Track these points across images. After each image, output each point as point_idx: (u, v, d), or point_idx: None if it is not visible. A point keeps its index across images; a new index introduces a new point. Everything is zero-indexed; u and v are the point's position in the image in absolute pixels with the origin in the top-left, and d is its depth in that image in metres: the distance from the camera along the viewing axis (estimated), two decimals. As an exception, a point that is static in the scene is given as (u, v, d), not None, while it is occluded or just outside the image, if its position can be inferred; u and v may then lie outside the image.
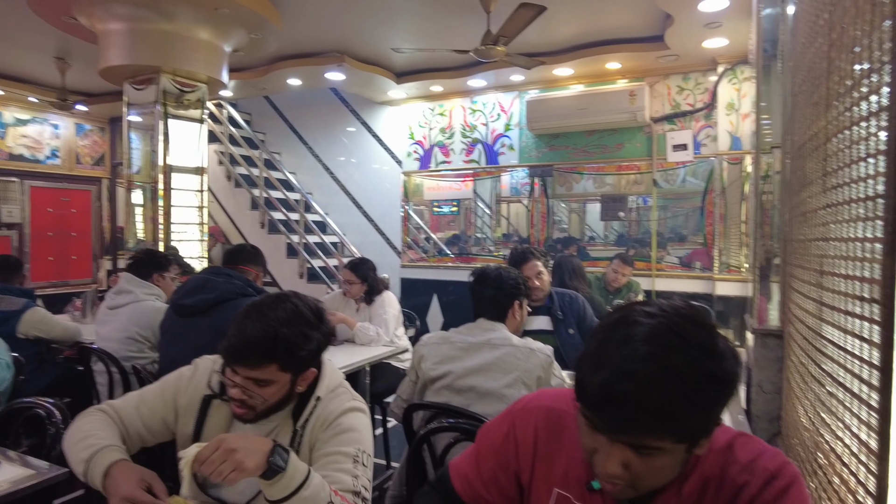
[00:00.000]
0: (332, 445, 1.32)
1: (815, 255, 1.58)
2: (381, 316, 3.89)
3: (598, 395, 0.77)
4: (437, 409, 2.03)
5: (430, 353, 2.18)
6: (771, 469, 0.86)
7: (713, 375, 0.76)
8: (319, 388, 1.39)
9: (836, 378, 1.32)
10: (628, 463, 0.80)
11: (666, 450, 0.79)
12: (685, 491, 0.88)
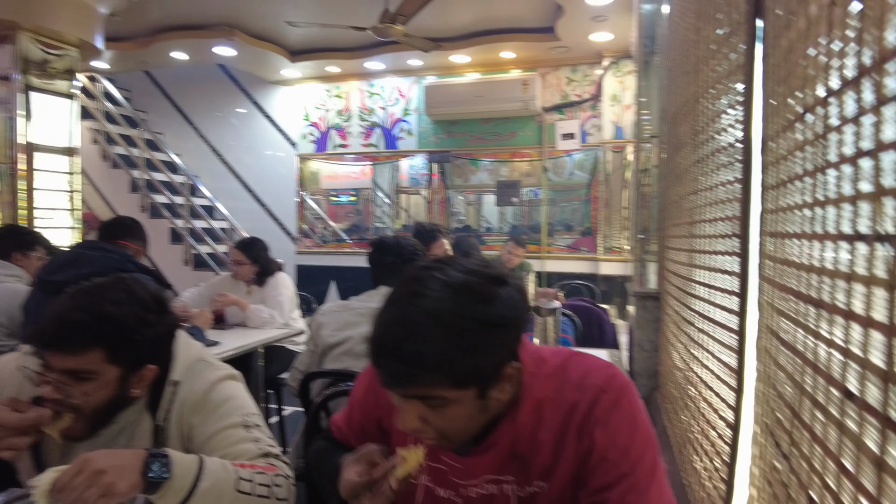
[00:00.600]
0: (212, 425, 1.16)
1: (686, 210, 1.74)
2: (275, 298, 3.75)
3: (371, 352, 0.80)
4: (336, 375, 2.00)
5: (330, 321, 2.14)
6: (599, 384, 0.87)
7: (481, 320, 0.77)
8: (174, 371, 1.20)
9: (703, 315, 1.46)
10: (424, 416, 0.82)
11: (451, 399, 0.80)
12: (520, 418, 0.89)
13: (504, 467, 0.92)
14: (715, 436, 1.31)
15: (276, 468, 1.11)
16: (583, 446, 0.86)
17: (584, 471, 0.87)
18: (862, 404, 0.56)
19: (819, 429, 0.69)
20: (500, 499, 0.93)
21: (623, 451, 0.85)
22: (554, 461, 0.89)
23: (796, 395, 0.79)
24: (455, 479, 0.96)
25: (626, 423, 0.86)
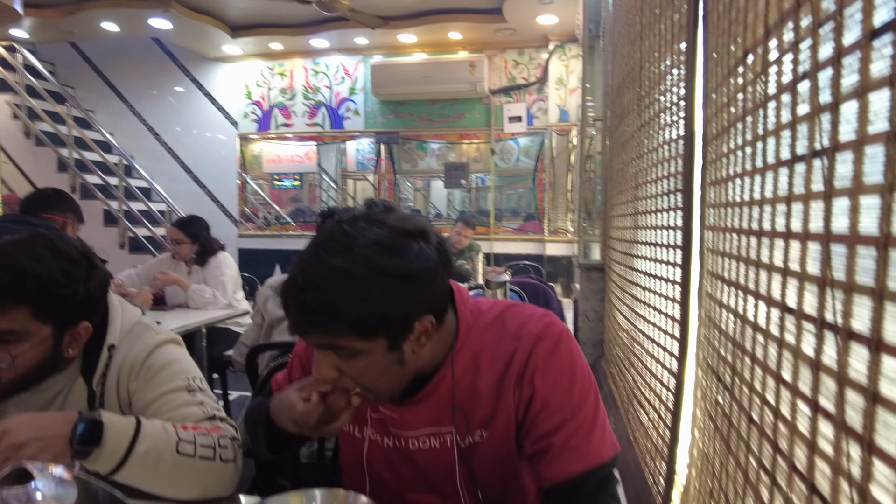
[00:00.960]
0: (152, 389, 1.12)
1: (631, 174, 1.79)
2: (217, 278, 3.63)
3: (282, 302, 0.80)
4: (283, 347, 1.96)
5: (276, 293, 2.09)
6: (536, 332, 0.88)
7: (384, 271, 0.77)
8: (111, 335, 1.14)
9: (648, 273, 1.51)
10: (339, 367, 0.82)
11: (361, 349, 0.80)
12: (458, 368, 0.89)
13: (443, 418, 0.91)
14: (659, 387, 1.36)
15: (221, 430, 1.08)
16: (524, 394, 0.87)
17: (527, 419, 0.88)
18: (800, 314, 0.59)
19: (760, 351, 0.72)
20: (442, 451, 0.93)
21: (564, 397, 0.86)
22: (494, 410, 0.89)
23: (738, 326, 0.82)
24: (398, 431, 0.95)
25: (566, 368, 0.88)
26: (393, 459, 0.98)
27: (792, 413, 0.61)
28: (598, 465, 0.84)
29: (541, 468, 0.86)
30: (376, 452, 0.99)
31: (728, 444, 0.85)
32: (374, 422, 0.98)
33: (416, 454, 0.95)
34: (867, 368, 0.46)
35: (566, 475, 0.83)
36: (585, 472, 0.83)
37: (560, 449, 0.84)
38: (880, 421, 0.44)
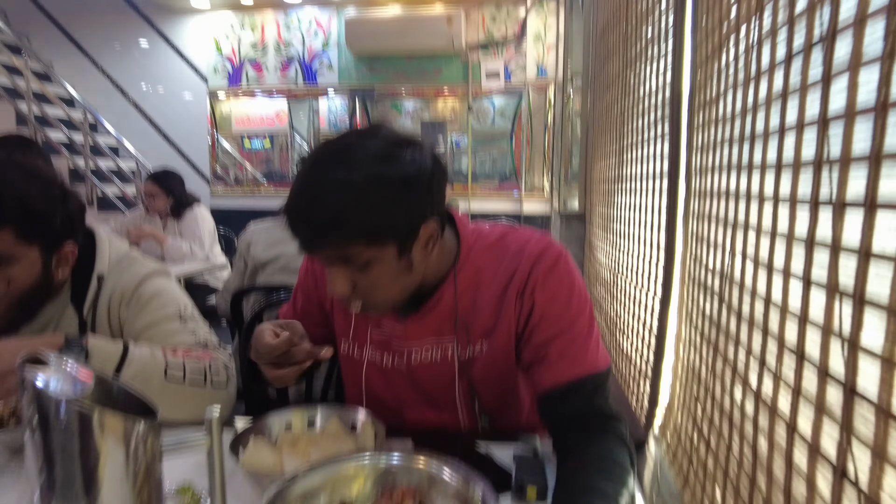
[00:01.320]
0: (144, 318, 1.12)
1: (617, 113, 1.82)
2: (193, 231, 3.59)
3: (287, 223, 0.81)
4: (269, 290, 1.96)
5: (260, 238, 2.08)
6: (536, 251, 0.92)
7: (381, 178, 0.78)
8: (99, 264, 1.14)
9: (633, 207, 1.55)
10: (354, 281, 0.83)
11: (372, 258, 0.81)
12: (460, 284, 0.93)
13: (445, 330, 0.95)
14: (643, 314, 1.42)
15: (213, 356, 1.09)
16: (524, 308, 0.91)
17: (526, 330, 0.92)
18: (792, 206, 0.63)
19: (749, 267, 0.76)
20: (443, 364, 0.97)
21: (562, 309, 0.90)
22: (495, 323, 0.93)
23: (728, 237, 0.86)
24: (400, 345, 0.98)
25: (564, 284, 0.91)
26: (391, 378, 1.01)
27: (784, 290, 0.65)
28: (592, 372, 0.88)
29: (538, 375, 0.90)
30: (374, 373, 1.02)
31: (716, 347, 0.90)
32: (375, 342, 1.01)
33: (417, 369, 0.98)
34: (854, 276, 0.49)
35: (562, 381, 0.87)
36: (581, 378, 0.87)
37: (557, 356, 0.88)
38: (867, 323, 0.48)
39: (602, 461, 0.75)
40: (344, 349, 1.05)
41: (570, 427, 0.83)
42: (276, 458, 0.87)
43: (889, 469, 0.47)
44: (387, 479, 0.77)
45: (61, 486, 0.54)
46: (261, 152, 6.54)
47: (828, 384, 0.57)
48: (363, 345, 1.02)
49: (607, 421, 0.82)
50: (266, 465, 0.85)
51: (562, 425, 0.85)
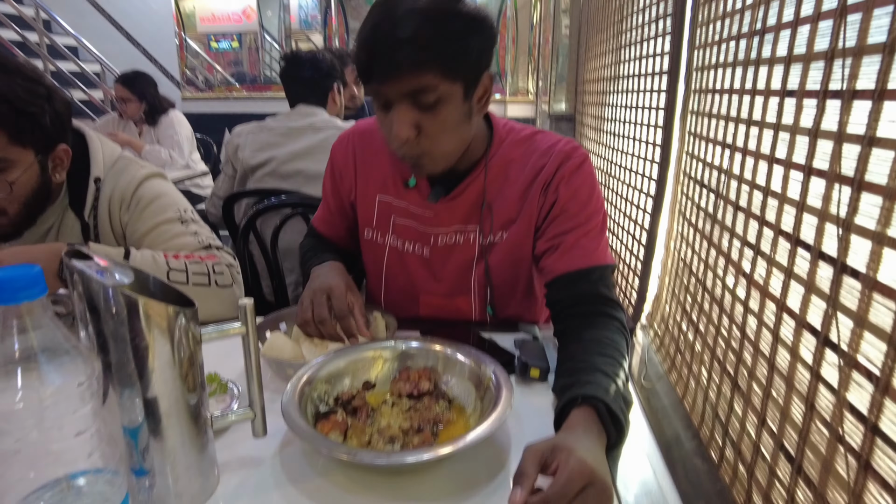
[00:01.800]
0: (145, 221, 1.13)
1: (614, 12, 1.77)
2: (171, 137, 3.48)
3: (365, 51, 0.82)
4: (263, 193, 1.96)
5: (248, 142, 2.04)
6: (565, 151, 0.97)
7: (455, 12, 0.82)
8: (95, 167, 1.13)
9: (629, 108, 1.56)
10: (418, 123, 0.85)
11: (443, 94, 0.83)
12: (490, 172, 0.98)
13: (471, 217, 1.00)
14: (636, 212, 1.47)
15: (216, 257, 1.11)
16: (547, 201, 0.96)
17: (545, 221, 0.97)
18: (799, 95, 0.65)
19: (741, 140, 0.79)
20: (464, 247, 1.02)
21: (581, 205, 0.95)
22: (517, 214, 0.98)
23: (727, 129, 0.89)
24: (425, 230, 1.03)
25: (587, 184, 0.97)
26: (411, 263, 1.06)
27: (783, 184, 0.69)
28: (601, 263, 0.93)
29: (551, 262, 0.95)
30: (395, 258, 1.08)
31: (710, 239, 0.96)
32: (398, 229, 1.06)
33: (439, 253, 1.04)
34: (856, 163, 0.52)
35: (573, 267, 0.93)
36: (590, 267, 0.92)
37: (570, 245, 0.94)
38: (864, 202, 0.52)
39: (602, 344, 0.81)
40: (368, 236, 1.09)
41: (574, 312, 0.89)
42: (295, 347, 0.92)
43: (868, 335, 0.53)
44: (404, 363, 0.83)
45: (116, 370, 0.58)
46: (229, 53, 6.20)
47: (818, 265, 0.62)
48: (386, 232, 1.07)
49: (609, 307, 0.88)
50: (287, 354, 0.90)
51: (567, 309, 0.90)
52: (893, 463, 0.49)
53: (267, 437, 0.69)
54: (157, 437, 0.61)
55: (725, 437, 0.88)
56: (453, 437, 0.63)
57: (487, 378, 0.76)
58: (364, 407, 0.74)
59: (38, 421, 0.47)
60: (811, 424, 0.62)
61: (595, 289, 0.90)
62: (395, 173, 1.04)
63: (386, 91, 0.83)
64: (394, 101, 0.84)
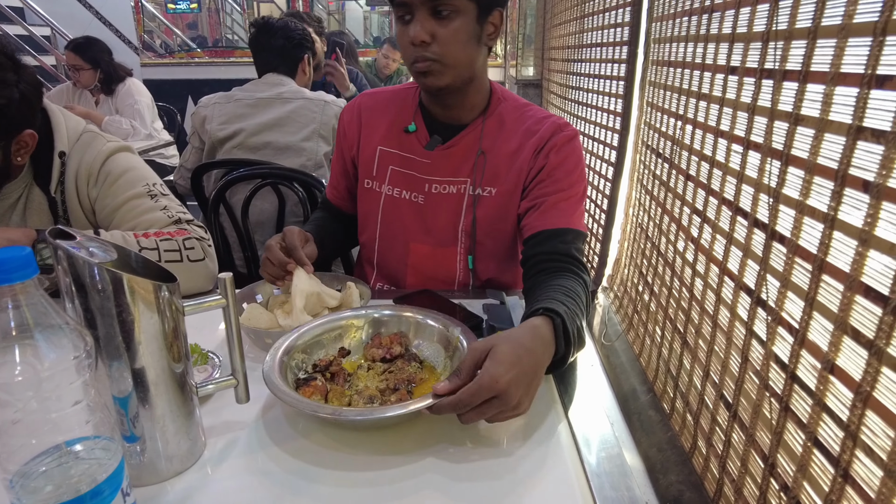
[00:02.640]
0: (114, 197, 1.13)
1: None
2: (131, 106, 3.38)
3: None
4: (232, 164, 1.95)
5: (215, 113, 2.01)
6: (559, 123, 1.05)
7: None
8: (59, 142, 1.12)
9: (593, 74, 1.60)
10: (434, 31, 0.93)
11: (459, 9, 0.93)
12: (486, 126, 1.06)
13: (463, 168, 1.07)
14: (598, 179, 1.52)
15: (187, 232, 1.12)
16: (537, 164, 1.04)
17: (532, 182, 1.04)
18: (742, 72, 0.70)
19: (701, 116, 0.84)
20: (455, 197, 1.09)
21: (567, 173, 1.03)
22: (507, 171, 1.05)
23: (681, 102, 0.94)
24: (421, 177, 1.09)
25: (574, 155, 1.04)
26: (404, 210, 1.12)
27: (726, 156, 0.75)
28: (576, 227, 1.01)
29: (531, 220, 1.03)
30: (389, 205, 1.13)
31: (664, 206, 1.02)
32: (394, 175, 1.11)
33: (432, 201, 1.10)
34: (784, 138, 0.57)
35: (549, 226, 1.00)
36: (565, 228, 0.99)
37: (550, 205, 1.01)
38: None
39: (567, 290, 0.87)
40: (367, 185, 1.15)
41: (545, 267, 0.96)
42: (271, 317, 0.96)
43: (791, 294, 0.60)
44: (377, 330, 0.88)
45: (104, 343, 0.61)
46: (188, 15, 5.97)
47: (753, 232, 0.68)
48: (382, 182, 1.13)
49: (577, 267, 0.95)
50: (263, 323, 0.94)
51: (539, 265, 0.97)
52: (807, 405, 0.56)
53: (249, 403, 0.74)
54: (146, 406, 0.65)
55: (676, 389, 0.96)
56: (427, 394, 0.69)
57: (455, 339, 0.82)
58: (341, 372, 0.79)
59: (37, 392, 0.51)
60: (745, 374, 0.70)
61: (567, 249, 0.97)
62: (397, 122, 1.11)
63: (411, 2, 0.91)
64: (415, 9, 0.92)
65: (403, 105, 1.12)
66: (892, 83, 0.46)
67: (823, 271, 0.55)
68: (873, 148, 0.47)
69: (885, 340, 0.46)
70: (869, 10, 0.49)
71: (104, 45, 3.37)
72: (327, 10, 6.18)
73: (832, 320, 0.53)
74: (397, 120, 1.11)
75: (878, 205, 0.47)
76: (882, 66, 0.47)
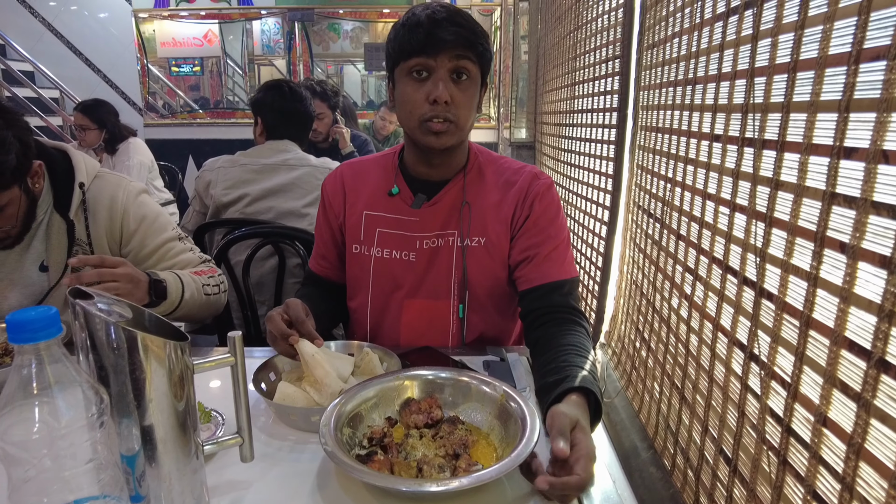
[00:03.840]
0: (153, 238, 1.29)
1: (569, 46, 1.90)
2: (123, 163, 3.45)
3: (426, 26, 0.98)
4: (234, 224, 1.98)
5: (219, 178, 2.04)
6: (534, 172, 1.12)
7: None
8: (79, 174, 1.24)
9: (583, 138, 1.67)
10: (452, 93, 1.00)
11: (472, 77, 1.02)
12: (468, 179, 1.12)
13: (450, 221, 1.11)
14: (591, 237, 1.56)
15: (214, 269, 1.34)
16: (522, 214, 1.09)
17: (520, 231, 1.09)
18: (725, 140, 0.75)
19: (689, 178, 0.89)
20: (445, 249, 1.12)
21: (551, 220, 1.09)
22: (492, 222, 1.10)
23: (670, 165, 0.99)
24: (411, 235, 1.13)
25: (555, 202, 1.11)
26: (395, 270, 1.14)
27: (714, 217, 0.79)
28: (570, 276, 1.05)
29: (526, 272, 1.06)
30: (380, 266, 1.16)
31: (657, 264, 1.05)
32: (384, 237, 1.15)
33: (422, 256, 1.12)
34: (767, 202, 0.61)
35: (546, 279, 1.04)
36: (561, 280, 1.04)
37: (543, 258, 1.05)
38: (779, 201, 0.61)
39: (579, 348, 0.90)
40: (355, 250, 1.18)
41: (548, 319, 0.99)
42: (305, 395, 0.92)
43: (782, 349, 0.62)
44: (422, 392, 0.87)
45: (116, 401, 0.62)
46: (190, 77, 6.17)
47: (743, 289, 0.71)
48: (371, 245, 1.16)
49: (577, 317, 0.99)
50: (300, 401, 0.90)
51: (541, 317, 1.00)
52: (803, 458, 0.58)
53: (252, 462, 0.74)
54: (153, 464, 0.65)
55: (676, 445, 0.96)
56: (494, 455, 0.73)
57: (501, 395, 0.82)
58: (392, 443, 0.77)
59: (51, 450, 0.52)
60: (743, 429, 0.71)
61: (566, 300, 1.02)
62: (380, 187, 1.16)
63: (433, 63, 0.99)
64: (436, 72, 0.99)
65: (384, 170, 1.17)
66: (858, 154, 0.50)
67: (810, 327, 0.57)
68: (846, 212, 0.51)
69: (872, 393, 0.48)
70: (833, 89, 0.54)
71: (111, 107, 3.47)
72: (326, 73, 6.42)
73: (821, 374, 0.55)
74: (380, 185, 1.16)
75: (854, 265, 0.51)
76: (848, 139, 0.51)
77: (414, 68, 1.00)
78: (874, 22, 0.49)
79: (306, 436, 0.86)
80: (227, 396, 0.73)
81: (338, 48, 5.97)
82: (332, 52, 6.03)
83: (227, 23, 5.94)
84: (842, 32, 0.53)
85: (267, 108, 2.02)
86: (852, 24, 0.51)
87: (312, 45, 5.86)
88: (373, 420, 0.84)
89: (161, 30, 5.88)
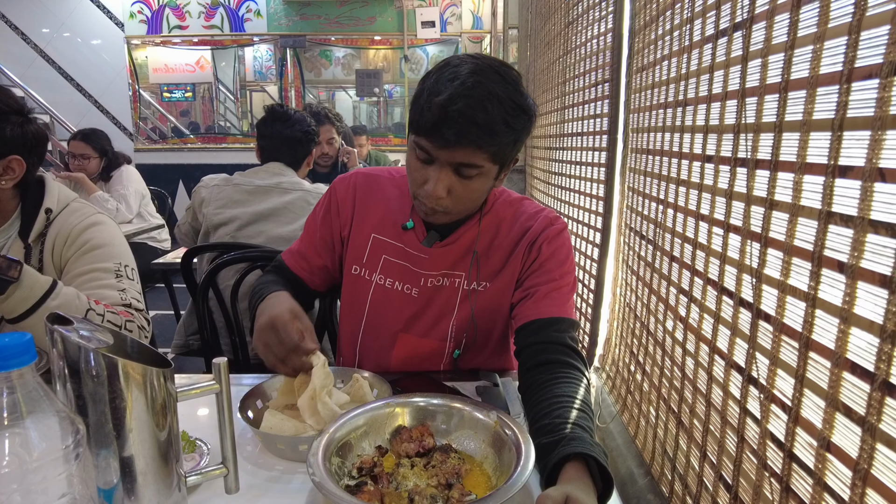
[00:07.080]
0: (84, 264, 1.16)
1: (558, 71, 1.92)
2: (118, 191, 3.43)
3: (437, 114, 0.87)
4: (223, 248, 1.96)
5: (213, 196, 2.03)
6: (550, 217, 1.09)
7: (521, 106, 0.90)
8: (48, 200, 1.18)
9: (574, 161, 1.67)
10: (451, 187, 0.94)
11: (483, 171, 0.93)
12: (483, 225, 1.08)
13: (459, 264, 1.08)
14: (584, 260, 1.56)
15: (131, 316, 1.14)
16: (530, 257, 1.06)
17: (525, 273, 1.07)
18: (718, 160, 0.75)
19: (682, 200, 0.89)
20: (449, 290, 1.09)
21: (558, 264, 1.06)
22: (502, 267, 1.07)
23: (661, 186, 0.99)
24: (417, 271, 1.09)
25: (566, 247, 1.08)
26: (394, 301, 1.11)
27: (708, 238, 0.78)
28: (569, 316, 1.01)
29: (523, 308, 1.03)
30: (380, 294, 1.12)
31: (650, 286, 1.04)
32: (387, 266, 1.11)
33: (424, 294, 1.09)
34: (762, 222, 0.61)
35: (543, 315, 1.00)
36: (559, 317, 1.00)
37: (543, 295, 1.02)
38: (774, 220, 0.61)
39: (574, 400, 0.82)
40: (355, 272, 1.13)
41: (542, 360, 0.93)
42: (294, 423, 0.88)
43: (781, 372, 0.61)
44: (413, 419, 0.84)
45: (94, 431, 0.60)
46: (182, 103, 6.20)
47: (739, 311, 0.70)
48: (374, 270, 1.12)
49: (573, 358, 0.92)
50: (289, 430, 0.88)
51: (535, 356, 0.94)
52: (808, 484, 0.56)
53: (238, 494, 0.71)
54: (132, 497, 0.62)
55: (674, 472, 0.94)
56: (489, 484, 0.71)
57: (495, 422, 0.80)
58: (383, 473, 0.75)
59: (22, 484, 0.49)
60: (743, 454, 0.69)
61: (562, 338, 0.96)
62: (394, 216, 1.11)
63: (438, 154, 0.90)
64: (438, 162, 0.92)
65: (400, 195, 1.12)
66: (853, 172, 0.49)
67: (810, 349, 0.56)
68: (844, 231, 0.51)
69: (877, 417, 0.47)
70: (826, 108, 0.54)
71: (106, 135, 3.48)
72: (318, 99, 6.46)
73: (823, 397, 0.54)
74: (394, 210, 1.11)
75: (853, 284, 0.50)
76: (843, 157, 0.51)
77: (418, 146, 0.92)
78: (865, 41, 0.49)
79: (294, 465, 0.83)
80: (214, 424, 0.71)
81: (329, 74, 6.03)
82: (324, 78, 6.09)
83: (220, 49, 5.99)
84: (832, 52, 0.53)
85: (260, 131, 2.03)
86: (843, 44, 0.51)
87: (304, 71, 5.92)
88: (362, 449, 0.81)
89: (153, 56, 5.92)
